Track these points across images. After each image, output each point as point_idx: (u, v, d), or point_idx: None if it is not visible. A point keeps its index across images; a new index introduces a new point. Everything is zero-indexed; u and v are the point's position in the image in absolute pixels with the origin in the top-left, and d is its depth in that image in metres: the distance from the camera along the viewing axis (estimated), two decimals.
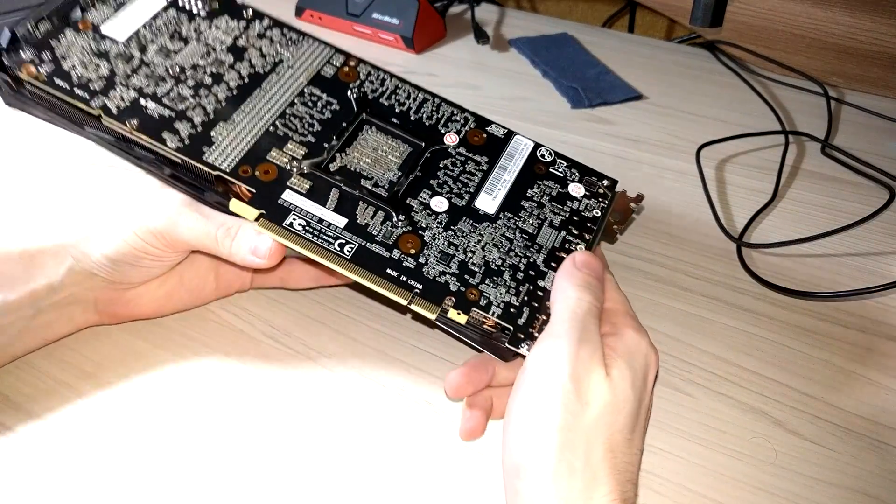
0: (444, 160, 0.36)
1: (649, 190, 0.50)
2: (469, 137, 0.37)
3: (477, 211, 0.34)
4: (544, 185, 0.36)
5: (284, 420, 0.33)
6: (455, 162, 0.36)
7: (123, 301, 0.35)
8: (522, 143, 0.37)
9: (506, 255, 0.33)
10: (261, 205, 0.31)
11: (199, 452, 0.32)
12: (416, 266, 0.32)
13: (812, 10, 0.61)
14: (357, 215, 0.32)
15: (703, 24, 0.65)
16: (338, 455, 0.32)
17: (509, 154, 0.37)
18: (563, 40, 0.71)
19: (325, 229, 0.32)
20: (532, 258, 0.33)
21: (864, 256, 0.44)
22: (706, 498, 0.31)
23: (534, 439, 0.26)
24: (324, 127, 0.35)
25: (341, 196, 0.33)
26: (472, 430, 0.32)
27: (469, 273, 0.32)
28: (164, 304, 0.36)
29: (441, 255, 0.32)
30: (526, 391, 0.28)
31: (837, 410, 0.35)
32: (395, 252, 0.32)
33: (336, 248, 0.31)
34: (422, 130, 0.36)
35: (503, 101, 0.60)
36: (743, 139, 0.55)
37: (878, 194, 0.49)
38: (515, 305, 0.31)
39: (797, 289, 0.41)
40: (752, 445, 0.33)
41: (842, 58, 0.62)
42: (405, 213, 0.33)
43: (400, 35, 0.68)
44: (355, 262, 0.31)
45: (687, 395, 0.35)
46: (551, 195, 0.36)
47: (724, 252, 0.44)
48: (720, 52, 0.69)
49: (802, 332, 0.39)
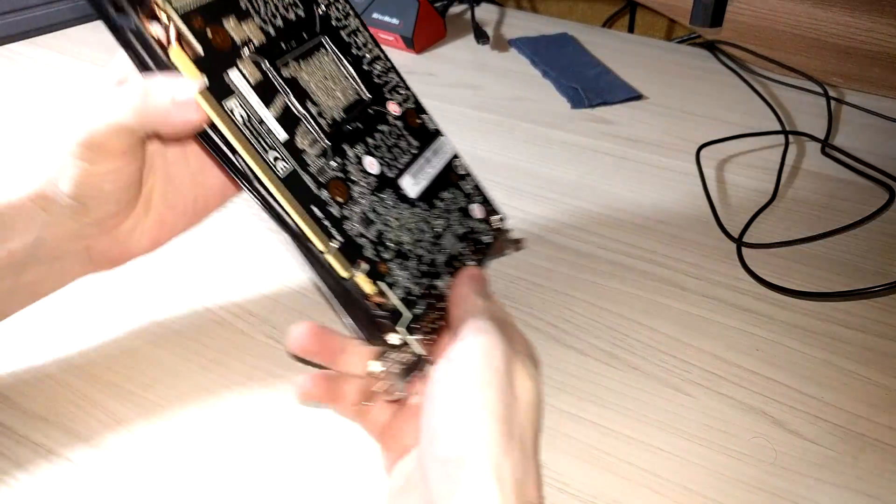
0: (383, 125, 0.34)
1: (649, 190, 0.50)
2: (407, 116, 0.36)
3: (400, 189, 0.33)
4: (456, 193, 0.36)
5: (284, 420, 0.33)
6: (392, 132, 0.34)
7: (116, 242, 0.33)
8: (447, 145, 0.37)
9: (415, 244, 0.32)
10: (205, 71, 0.28)
11: (199, 452, 0.32)
12: (340, 217, 0.30)
13: (812, 10, 0.61)
14: (297, 136, 0.30)
15: (703, 24, 0.65)
16: (338, 455, 0.32)
17: (434, 150, 0.36)
18: (563, 40, 0.71)
19: (264, 134, 0.29)
20: (435, 257, 0.33)
21: (863, 256, 0.44)
22: (706, 498, 0.31)
23: (473, 429, 0.25)
24: (285, 27, 0.32)
25: (286, 109, 0.30)
26: (308, 392, 0.30)
27: (383, 246, 0.31)
28: (158, 232, 0.34)
29: (363, 217, 0.31)
30: (456, 382, 0.27)
31: (837, 410, 0.35)
32: (324, 193, 0.30)
33: (271, 159, 0.29)
34: (370, 84, 0.35)
35: (503, 101, 0.60)
36: (743, 139, 0.55)
37: (878, 194, 0.49)
38: (416, 295, 0.31)
39: (797, 289, 0.41)
40: (752, 445, 0.33)
41: (842, 58, 0.62)
42: (341, 157, 0.31)
43: (400, 35, 0.68)
44: (286, 185, 0.29)
45: (687, 395, 0.35)
46: (458, 206, 0.35)
47: (724, 252, 0.44)
48: (720, 52, 0.69)
49: (802, 332, 0.39)
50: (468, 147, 0.54)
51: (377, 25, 0.69)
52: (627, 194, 0.50)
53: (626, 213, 0.48)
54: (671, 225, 0.47)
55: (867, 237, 0.46)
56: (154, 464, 0.31)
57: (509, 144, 0.54)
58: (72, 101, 0.57)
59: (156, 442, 0.32)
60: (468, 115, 0.58)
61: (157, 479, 0.31)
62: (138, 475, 0.31)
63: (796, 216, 0.48)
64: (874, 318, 0.40)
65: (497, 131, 0.56)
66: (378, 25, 0.69)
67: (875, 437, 0.33)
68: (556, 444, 0.32)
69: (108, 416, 0.33)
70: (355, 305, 0.30)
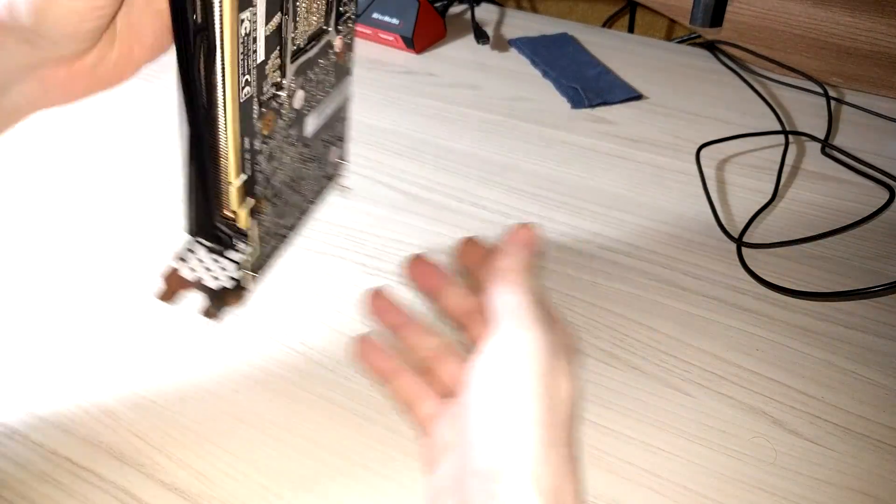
0: (323, 59, 0.32)
1: (649, 190, 0.50)
2: (341, 52, 0.33)
3: (303, 126, 0.32)
4: (330, 135, 0.34)
5: (283, 420, 0.33)
6: (325, 67, 0.32)
7: (76, 75, 0.29)
8: (349, 87, 0.35)
9: (290, 183, 0.31)
10: None
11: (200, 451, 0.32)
12: (258, 150, 0.29)
13: (812, 10, 0.61)
14: (269, 60, 0.28)
15: (703, 24, 0.65)
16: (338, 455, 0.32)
17: (340, 90, 0.34)
18: (563, 40, 0.71)
19: (249, 54, 0.27)
20: (296, 198, 0.32)
21: (863, 256, 0.44)
22: (706, 498, 0.31)
23: (513, 440, 0.24)
24: None
25: (276, 30, 0.28)
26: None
27: (269, 183, 0.30)
28: (124, 66, 0.31)
29: (269, 153, 0.30)
30: (496, 386, 0.25)
31: (837, 410, 0.35)
32: (258, 124, 0.29)
33: (243, 81, 0.27)
34: (333, 14, 0.32)
35: (503, 101, 0.60)
36: (743, 139, 0.55)
37: (878, 194, 0.49)
38: (270, 234, 0.30)
39: (797, 289, 0.41)
40: (752, 445, 0.33)
41: (842, 58, 0.62)
42: (286, 89, 0.30)
43: (400, 35, 0.68)
44: (241, 109, 0.27)
45: (687, 395, 0.35)
46: (326, 148, 0.34)
47: (724, 252, 0.44)
48: (720, 52, 0.69)
49: (802, 332, 0.39)
50: (468, 147, 0.54)
51: (377, 25, 0.69)
52: (627, 194, 0.50)
53: (626, 213, 0.48)
54: (671, 225, 0.47)
55: (867, 237, 0.46)
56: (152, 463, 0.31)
57: (509, 144, 0.54)
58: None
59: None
60: (468, 115, 0.58)
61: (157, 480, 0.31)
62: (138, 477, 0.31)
63: (796, 216, 0.48)
64: (874, 318, 0.40)
65: (497, 131, 0.56)
66: (378, 25, 0.69)
67: (875, 437, 0.33)
68: None
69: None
70: (207, 209, 0.28)
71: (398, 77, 0.64)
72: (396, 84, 0.63)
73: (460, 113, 0.58)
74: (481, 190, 0.49)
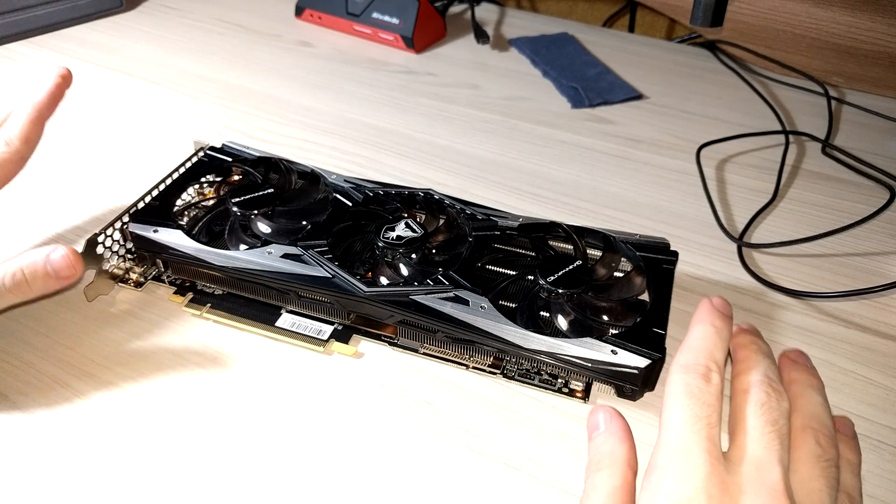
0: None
1: (649, 190, 0.50)
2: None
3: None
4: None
5: (284, 420, 0.33)
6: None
7: None
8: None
9: None
10: None
11: (199, 452, 0.32)
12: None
13: (812, 9, 0.61)
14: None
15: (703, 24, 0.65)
16: (338, 455, 0.32)
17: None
18: (563, 40, 0.71)
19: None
20: None
21: (864, 256, 0.44)
22: None
23: None
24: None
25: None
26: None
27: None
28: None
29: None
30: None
31: (837, 410, 0.35)
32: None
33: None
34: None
35: (503, 100, 0.60)
36: (743, 139, 0.55)
37: (878, 194, 0.49)
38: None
39: (797, 289, 0.41)
40: None
41: (842, 58, 0.62)
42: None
43: (400, 35, 0.68)
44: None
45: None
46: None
47: (725, 252, 0.44)
48: (720, 52, 0.69)
49: (802, 332, 0.39)
50: (468, 147, 0.54)
51: (377, 25, 0.69)
52: (627, 194, 0.50)
53: (626, 213, 0.48)
54: (671, 225, 0.47)
55: (867, 237, 0.46)
56: (152, 463, 0.31)
57: (509, 144, 0.54)
58: (70, 102, 0.57)
59: (155, 442, 0.32)
60: (468, 114, 0.58)
61: (156, 480, 0.31)
62: (136, 477, 0.31)
63: (796, 216, 0.48)
64: (874, 318, 0.40)
65: (497, 131, 0.56)
66: (378, 25, 0.69)
67: (875, 438, 0.33)
68: (556, 444, 0.32)
69: (104, 414, 0.33)
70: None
71: (398, 77, 0.64)
72: (396, 84, 0.63)
73: (460, 113, 0.58)
74: (481, 190, 0.49)
